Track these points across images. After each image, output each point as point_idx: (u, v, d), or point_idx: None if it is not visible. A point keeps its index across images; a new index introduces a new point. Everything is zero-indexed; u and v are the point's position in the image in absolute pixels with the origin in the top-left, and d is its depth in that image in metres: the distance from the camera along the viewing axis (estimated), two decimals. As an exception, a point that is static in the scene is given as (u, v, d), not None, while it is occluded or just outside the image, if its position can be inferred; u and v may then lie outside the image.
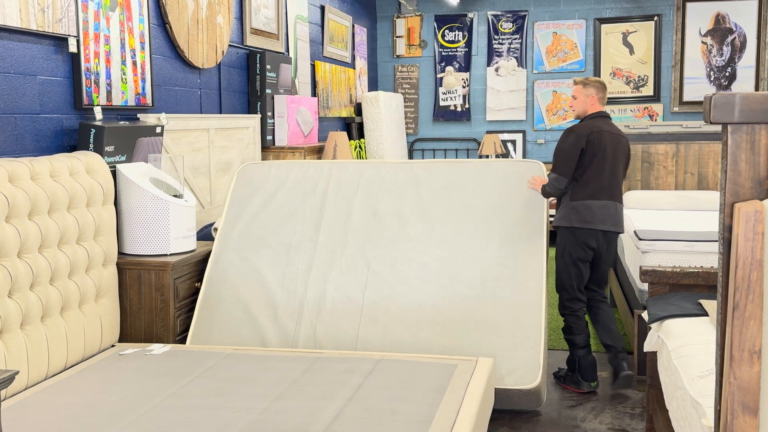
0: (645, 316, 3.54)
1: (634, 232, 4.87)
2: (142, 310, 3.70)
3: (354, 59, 8.51)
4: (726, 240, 1.66)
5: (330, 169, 4.40)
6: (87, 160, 3.51)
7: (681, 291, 3.64)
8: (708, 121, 1.65)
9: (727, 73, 8.96)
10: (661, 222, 5.36)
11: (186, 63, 4.81)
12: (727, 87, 9.02)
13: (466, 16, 9.45)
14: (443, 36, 9.52)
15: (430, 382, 3.07)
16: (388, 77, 9.70)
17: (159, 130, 4.14)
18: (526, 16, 9.30)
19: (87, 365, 3.32)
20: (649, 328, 3.46)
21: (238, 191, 4.39)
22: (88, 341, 3.41)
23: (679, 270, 3.66)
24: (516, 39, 9.33)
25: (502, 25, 9.35)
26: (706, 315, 3.17)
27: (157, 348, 3.51)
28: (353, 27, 8.43)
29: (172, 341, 3.72)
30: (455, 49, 9.50)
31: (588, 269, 4.28)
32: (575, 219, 4.17)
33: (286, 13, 6.45)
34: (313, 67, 7.19)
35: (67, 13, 3.57)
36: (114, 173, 3.73)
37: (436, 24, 9.53)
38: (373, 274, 3.95)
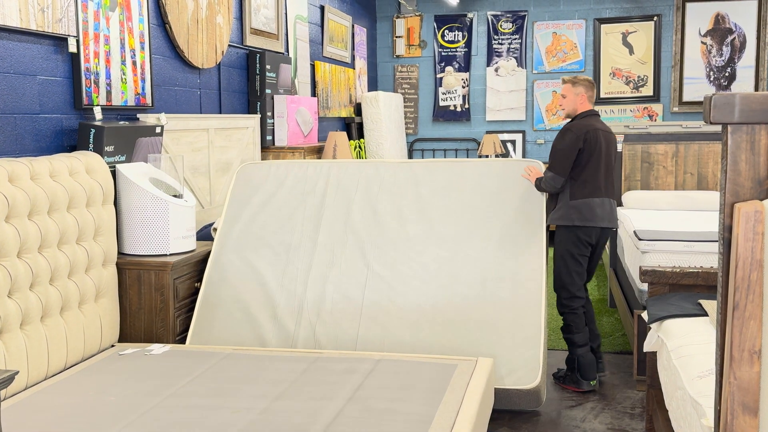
0: (645, 316, 3.54)
1: (634, 232, 4.87)
2: (141, 310, 3.70)
3: (354, 59, 8.51)
4: (726, 240, 1.66)
5: (329, 169, 4.40)
6: (87, 160, 3.51)
7: (681, 291, 3.64)
8: (708, 121, 1.65)
9: (726, 73, 8.96)
10: (661, 222, 5.36)
11: (186, 63, 4.81)
12: (727, 87, 9.02)
13: (465, 16, 9.45)
14: (443, 36, 9.53)
15: (430, 382, 3.07)
16: (387, 77, 9.70)
17: (159, 130, 4.14)
18: (525, 16, 9.30)
19: (87, 365, 3.31)
20: (649, 328, 3.47)
21: (237, 191, 4.39)
22: (88, 341, 3.41)
23: (678, 270, 3.66)
24: (516, 39, 9.33)
25: (501, 26, 9.35)
26: (706, 315, 3.17)
27: (157, 348, 3.51)
28: (353, 27, 8.43)
29: (171, 341, 3.72)
30: (455, 50, 9.51)
31: (585, 267, 4.33)
32: (576, 218, 4.18)
33: (286, 13, 6.45)
34: (312, 67, 7.19)
35: (66, 13, 3.57)
36: (114, 173, 3.73)
37: (435, 24, 9.53)
38: (373, 274, 3.95)
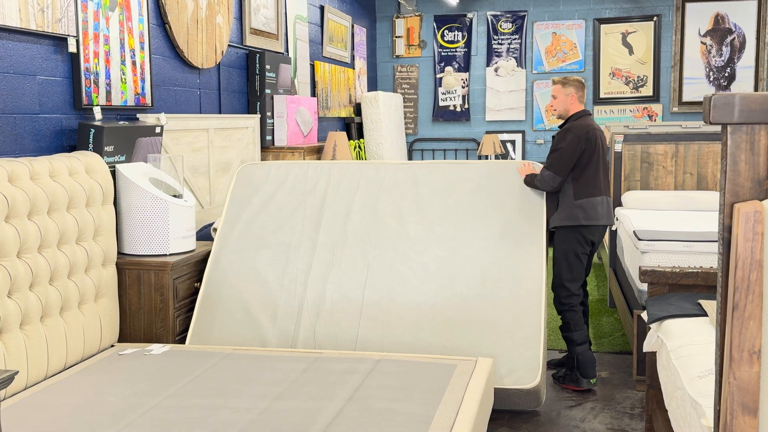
0: (644, 316, 3.54)
1: (634, 232, 4.86)
2: (141, 310, 3.70)
3: (353, 59, 8.50)
4: (725, 240, 1.66)
5: (330, 170, 4.40)
6: (86, 160, 3.51)
7: (680, 291, 3.64)
8: (708, 121, 1.65)
9: (726, 74, 8.96)
10: (661, 222, 5.35)
11: (185, 63, 4.81)
12: (727, 87, 9.02)
13: (465, 16, 9.45)
14: (443, 36, 9.53)
15: (430, 382, 3.07)
16: (387, 77, 9.71)
17: (158, 130, 4.14)
18: (525, 16, 9.30)
19: (86, 365, 3.31)
20: (649, 329, 3.47)
21: (237, 191, 4.39)
22: (88, 341, 3.41)
23: (678, 270, 3.66)
24: (515, 39, 9.33)
25: (501, 26, 9.35)
26: (706, 315, 3.17)
27: (157, 348, 3.51)
28: (353, 27, 8.43)
29: (171, 341, 3.72)
30: (455, 50, 9.51)
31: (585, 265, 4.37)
32: (582, 217, 4.21)
33: (286, 13, 6.45)
34: (312, 67, 7.19)
35: (66, 13, 3.56)
36: (113, 173, 3.73)
37: (435, 24, 9.53)
38: (373, 274, 3.95)
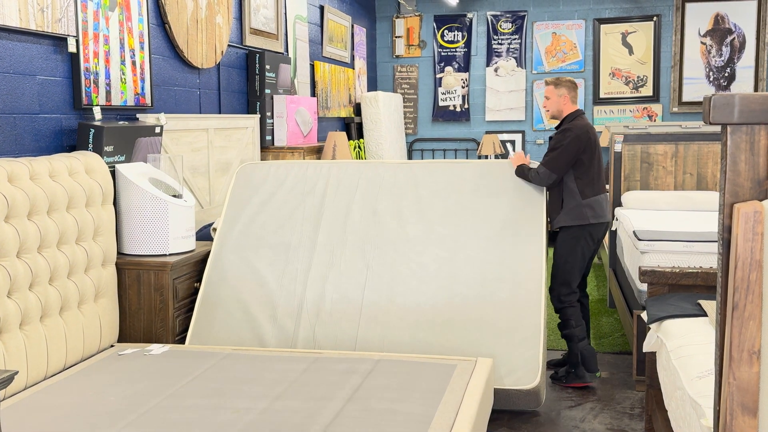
0: (644, 316, 3.54)
1: (633, 232, 4.86)
2: (141, 311, 3.70)
3: (353, 59, 8.50)
4: (725, 240, 1.66)
5: (329, 170, 4.40)
6: (86, 160, 3.51)
7: (680, 291, 3.64)
8: (707, 121, 1.65)
9: (726, 74, 8.96)
10: (660, 222, 5.35)
11: (185, 63, 4.81)
12: (727, 87, 9.02)
13: (465, 16, 9.46)
14: (442, 36, 9.53)
15: (430, 383, 3.07)
16: (387, 77, 9.71)
17: (158, 130, 4.14)
18: (525, 16, 9.31)
19: (86, 365, 3.31)
20: (648, 329, 3.47)
21: (237, 191, 4.39)
22: (87, 341, 3.41)
23: (678, 270, 3.66)
24: (515, 39, 9.33)
25: (501, 26, 9.35)
26: (705, 315, 3.17)
27: (156, 348, 3.51)
28: (352, 27, 8.43)
29: (171, 341, 3.72)
30: (454, 50, 9.51)
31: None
32: (591, 215, 4.25)
33: (286, 13, 6.45)
34: (312, 67, 7.19)
35: (66, 13, 3.56)
36: (113, 173, 3.73)
37: (435, 24, 9.53)
38: (373, 274, 3.95)
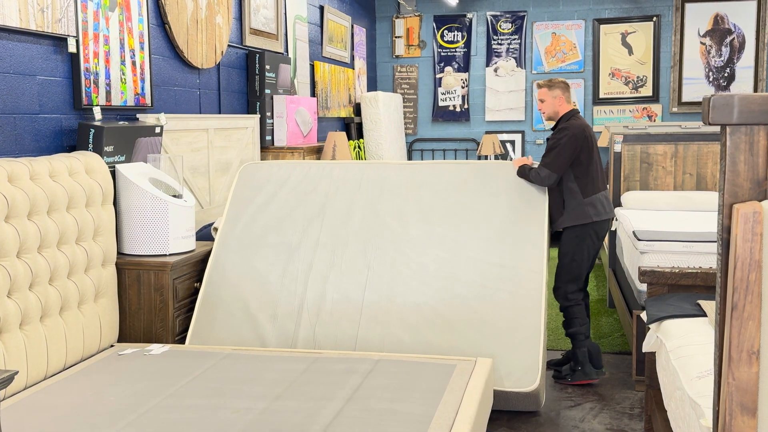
0: (644, 316, 3.54)
1: (633, 232, 4.87)
2: (141, 311, 3.70)
3: (353, 59, 8.51)
4: (725, 241, 1.67)
5: (332, 170, 4.40)
6: (86, 160, 3.51)
7: (680, 291, 3.64)
8: (707, 122, 1.65)
9: (725, 74, 8.97)
10: (660, 222, 5.35)
11: (185, 63, 4.81)
12: (726, 87, 9.03)
13: (465, 16, 9.46)
14: (442, 36, 9.53)
15: (429, 382, 3.07)
16: (387, 77, 9.71)
17: (158, 130, 4.14)
18: (525, 16, 9.31)
19: (86, 365, 3.31)
20: (648, 329, 3.47)
21: (239, 191, 4.39)
22: (87, 341, 3.41)
23: (677, 270, 3.66)
24: (515, 39, 9.33)
25: (501, 26, 9.35)
26: (705, 315, 3.18)
27: (156, 348, 3.51)
28: (352, 27, 8.43)
29: (171, 341, 3.72)
30: (454, 50, 9.51)
31: None
32: (594, 213, 4.26)
33: (286, 14, 6.45)
34: (312, 67, 7.19)
35: (66, 13, 3.57)
36: (113, 173, 3.73)
37: (435, 24, 9.53)
38: (373, 275, 3.95)
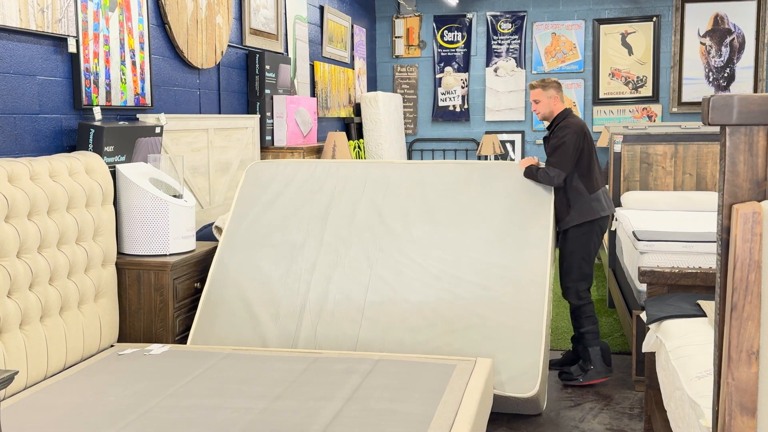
0: (643, 316, 3.55)
1: (633, 232, 4.87)
2: (141, 311, 3.70)
3: (353, 59, 8.51)
4: (724, 241, 1.67)
5: (337, 169, 4.40)
6: (86, 161, 3.51)
7: (679, 292, 3.65)
8: (706, 122, 1.65)
9: (725, 74, 8.97)
10: (660, 222, 5.36)
11: (185, 63, 4.81)
12: (726, 88, 9.03)
13: (465, 16, 9.46)
14: (442, 36, 9.53)
15: (429, 382, 3.07)
16: (387, 77, 9.71)
17: (158, 130, 4.14)
18: (525, 16, 9.31)
19: (86, 365, 3.32)
20: (648, 329, 3.47)
21: (246, 189, 4.38)
22: (87, 341, 3.41)
23: (677, 271, 3.66)
24: (515, 39, 9.33)
25: (501, 26, 9.35)
26: (705, 316, 3.18)
27: (156, 348, 3.51)
28: (352, 27, 8.43)
29: (171, 341, 3.72)
30: (454, 50, 9.51)
31: None
32: (600, 209, 4.29)
33: (285, 14, 6.45)
34: (312, 67, 7.19)
35: (66, 14, 3.57)
36: (113, 173, 3.74)
37: (435, 24, 9.53)
38: (376, 275, 3.94)
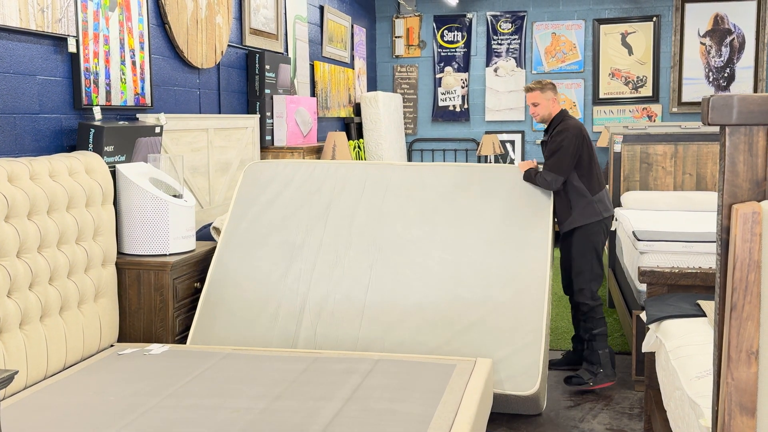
0: (643, 316, 3.55)
1: (633, 232, 4.87)
2: (141, 310, 3.70)
3: (353, 59, 8.51)
4: (724, 241, 1.67)
5: (336, 170, 4.40)
6: (86, 160, 3.51)
7: (679, 292, 3.65)
8: (706, 122, 1.65)
9: (725, 74, 8.97)
10: (660, 222, 5.36)
11: (185, 63, 4.81)
12: (726, 88, 9.03)
13: (465, 16, 9.46)
14: (442, 36, 9.53)
15: (429, 382, 3.07)
16: (387, 77, 9.71)
17: (158, 130, 4.14)
18: (525, 16, 9.31)
19: (86, 365, 3.32)
20: (648, 329, 3.47)
21: (244, 189, 4.38)
22: (87, 341, 3.41)
23: (677, 271, 3.66)
24: (515, 39, 9.33)
25: (501, 26, 9.35)
26: (704, 316, 3.18)
27: (156, 348, 3.51)
28: (352, 27, 8.43)
29: (171, 341, 3.73)
30: (454, 50, 9.51)
31: None
32: (602, 210, 4.28)
33: (285, 14, 6.45)
34: (312, 67, 7.19)
35: (66, 13, 3.57)
36: (113, 173, 3.74)
37: (435, 24, 9.53)
38: (376, 275, 3.94)
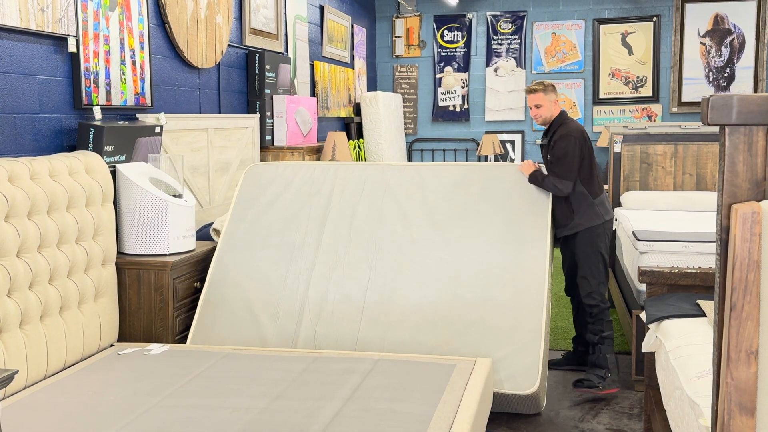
0: (643, 316, 3.55)
1: (633, 232, 4.87)
2: (141, 310, 3.70)
3: (353, 59, 8.51)
4: (723, 241, 1.67)
5: (336, 171, 4.40)
6: (86, 160, 3.52)
7: (679, 291, 3.65)
8: (706, 122, 1.66)
9: (725, 74, 8.97)
10: (660, 222, 5.36)
11: (185, 63, 4.82)
12: (726, 88, 9.03)
13: (465, 16, 9.46)
14: (442, 36, 9.53)
15: (429, 382, 3.07)
16: (387, 77, 9.71)
17: (158, 129, 4.14)
18: (525, 16, 9.31)
19: (86, 365, 3.32)
20: (647, 329, 3.47)
21: (245, 191, 4.39)
22: (87, 341, 3.41)
23: (677, 270, 3.66)
24: (515, 39, 9.33)
25: (501, 26, 9.35)
26: (704, 316, 3.18)
27: (156, 348, 3.51)
28: (352, 27, 8.43)
29: (171, 341, 3.73)
30: (454, 50, 9.51)
31: None
32: (603, 213, 4.28)
33: (286, 13, 6.45)
34: (312, 67, 7.19)
35: (66, 13, 3.57)
36: (113, 173, 3.74)
37: (435, 24, 9.54)
38: (375, 276, 3.95)
